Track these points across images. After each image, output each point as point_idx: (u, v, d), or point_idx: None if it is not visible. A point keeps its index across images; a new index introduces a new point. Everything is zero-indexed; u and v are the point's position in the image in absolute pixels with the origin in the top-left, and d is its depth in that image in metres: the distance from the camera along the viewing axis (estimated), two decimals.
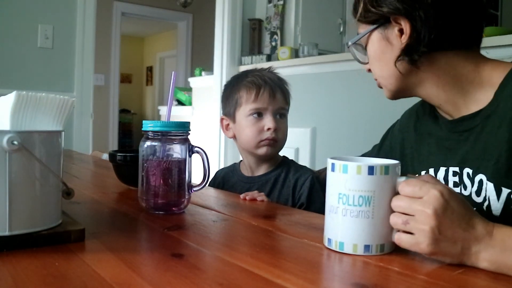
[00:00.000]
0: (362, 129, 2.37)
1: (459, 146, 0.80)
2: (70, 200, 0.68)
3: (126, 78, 8.47)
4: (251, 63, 3.09)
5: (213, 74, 3.36)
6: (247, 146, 1.18)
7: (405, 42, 0.75)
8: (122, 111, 7.54)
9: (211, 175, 1.28)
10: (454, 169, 0.80)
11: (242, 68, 3.04)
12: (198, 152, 0.87)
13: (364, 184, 0.60)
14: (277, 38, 3.20)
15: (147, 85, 8.86)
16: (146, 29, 8.09)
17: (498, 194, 0.72)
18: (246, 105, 1.16)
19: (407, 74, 0.79)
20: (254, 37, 3.27)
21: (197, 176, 0.90)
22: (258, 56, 3.13)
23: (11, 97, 0.62)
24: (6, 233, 0.59)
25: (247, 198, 1.01)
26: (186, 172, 0.86)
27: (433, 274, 0.54)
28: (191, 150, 0.86)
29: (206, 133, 3.25)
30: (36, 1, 2.78)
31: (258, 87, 1.15)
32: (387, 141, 1.03)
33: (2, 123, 0.63)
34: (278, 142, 1.17)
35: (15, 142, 0.58)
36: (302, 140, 2.70)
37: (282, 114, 1.18)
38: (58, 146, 0.66)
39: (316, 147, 2.68)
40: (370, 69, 0.86)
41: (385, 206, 0.60)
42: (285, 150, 1.24)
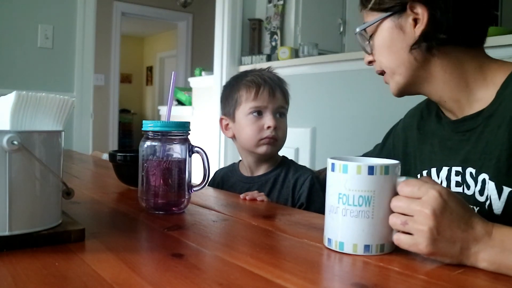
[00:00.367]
0: (362, 129, 2.37)
1: (462, 145, 0.80)
2: (70, 200, 0.68)
3: (126, 78, 8.47)
4: (251, 63, 3.09)
5: (213, 74, 3.36)
6: (247, 145, 1.18)
7: (420, 31, 0.75)
8: (122, 111, 7.54)
9: (211, 175, 1.28)
10: (456, 168, 0.80)
11: (242, 68, 3.03)
12: (198, 152, 0.87)
13: (364, 184, 0.60)
14: (277, 38, 3.20)
15: (147, 85, 8.86)
16: (146, 29, 8.09)
17: (499, 193, 0.72)
18: (246, 103, 1.16)
19: (420, 63, 0.78)
20: (254, 37, 3.27)
21: (197, 176, 0.90)
22: (258, 56, 3.13)
23: (11, 97, 0.62)
24: (6, 233, 0.59)
25: (247, 198, 1.01)
26: (186, 172, 0.86)
27: (433, 274, 0.54)
28: (191, 150, 0.86)
29: (206, 133, 3.25)
30: (36, 1, 2.78)
31: (258, 86, 1.16)
32: (390, 139, 1.03)
33: (2, 123, 0.63)
34: (278, 140, 1.17)
35: (15, 142, 0.58)
36: (302, 140, 2.69)
37: (281, 113, 1.19)
38: (58, 146, 0.66)
39: (316, 147, 2.68)
40: (371, 61, 0.85)
41: (385, 206, 0.60)
42: (285, 150, 1.24)
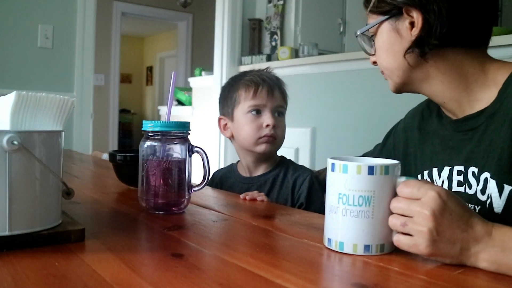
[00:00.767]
0: (362, 129, 2.37)
1: (464, 145, 0.80)
2: (70, 200, 0.68)
3: (126, 78, 8.46)
4: (251, 63, 3.09)
5: (213, 74, 3.36)
6: (246, 144, 1.18)
7: (416, 35, 0.76)
8: (122, 111, 7.54)
9: (211, 175, 1.28)
10: (459, 168, 0.80)
11: (242, 68, 3.03)
12: (198, 152, 0.87)
13: (364, 184, 0.60)
14: (277, 38, 3.20)
15: (147, 85, 8.86)
16: (146, 29, 8.09)
17: (500, 191, 0.72)
18: (244, 102, 1.16)
19: (415, 67, 0.79)
20: (254, 37, 3.27)
21: (197, 176, 0.90)
22: (258, 56, 3.13)
23: (11, 97, 0.62)
24: (6, 233, 0.59)
25: (247, 198, 1.01)
26: (186, 172, 0.86)
27: (433, 274, 0.54)
28: (191, 150, 0.86)
29: (206, 133, 3.25)
30: (36, 1, 2.78)
31: (256, 85, 1.16)
32: (390, 139, 1.03)
33: (2, 123, 0.63)
34: (277, 139, 1.17)
35: (15, 142, 0.58)
36: (302, 140, 2.70)
37: (280, 112, 1.19)
38: (58, 146, 0.66)
39: (316, 147, 2.68)
40: (375, 61, 0.86)
41: (385, 206, 0.60)
42: (285, 150, 1.25)
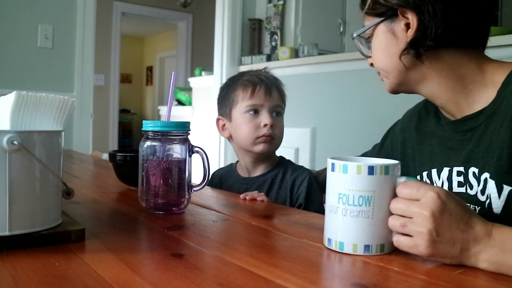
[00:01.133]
0: (362, 129, 2.37)
1: (463, 145, 0.79)
2: (70, 200, 0.68)
3: (126, 78, 8.46)
4: (251, 63, 3.09)
5: (213, 74, 3.36)
6: (244, 144, 1.18)
7: (411, 36, 0.75)
8: (122, 111, 7.54)
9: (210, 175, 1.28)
10: (458, 168, 0.80)
11: (242, 68, 3.03)
12: (198, 152, 0.87)
13: (364, 184, 0.60)
14: (277, 38, 3.20)
15: (147, 85, 8.86)
16: (146, 29, 8.09)
17: (499, 191, 0.72)
18: (242, 102, 1.17)
19: (410, 68, 0.79)
20: (254, 37, 3.27)
21: (197, 176, 0.90)
22: (258, 56, 3.13)
23: (11, 97, 0.62)
24: (6, 233, 0.59)
25: (247, 198, 1.01)
26: (186, 172, 0.86)
27: (433, 274, 0.54)
28: (191, 150, 0.86)
29: (206, 133, 3.25)
30: (36, 1, 2.78)
31: (254, 85, 1.16)
32: (388, 140, 1.03)
33: (2, 123, 0.63)
34: (274, 139, 1.17)
35: (15, 142, 0.58)
36: (302, 140, 2.69)
37: (278, 112, 1.19)
38: (58, 146, 0.66)
39: (316, 147, 2.68)
40: (372, 63, 0.86)
41: (385, 206, 0.60)
42: (284, 150, 1.24)
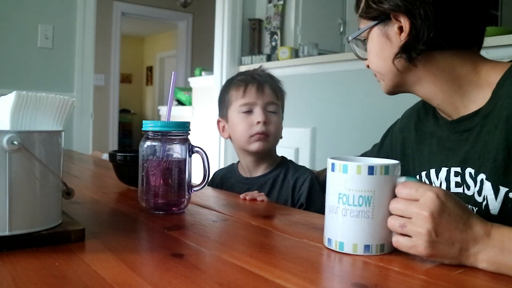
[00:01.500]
0: (362, 129, 2.37)
1: (460, 146, 0.79)
2: (70, 200, 0.68)
3: (126, 78, 8.46)
4: (251, 63, 3.09)
5: (213, 74, 3.36)
6: (240, 143, 1.18)
7: (403, 40, 0.76)
8: (122, 111, 7.54)
9: (211, 175, 1.28)
10: (455, 169, 0.80)
11: (242, 68, 3.03)
12: (198, 152, 0.87)
13: (364, 184, 0.60)
14: (277, 38, 3.20)
15: (147, 85, 8.85)
16: (146, 29, 8.09)
17: (495, 193, 0.72)
18: (236, 101, 1.18)
19: (405, 71, 0.79)
20: (254, 37, 3.27)
21: (197, 176, 0.90)
22: (258, 56, 3.13)
23: (11, 97, 0.62)
24: (6, 233, 0.59)
25: (247, 198, 1.01)
26: (186, 172, 0.86)
27: (432, 274, 0.54)
28: (191, 150, 0.86)
29: (206, 133, 3.25)
30: (36, 1, 2.78)
31: (246, 84, 1.17)
32: (387, 140, 1.03)
33: (2, 123, 0.63)
34: (269, 136, 1.16)
35: (15, 142, 0.58)
36: (302, 140, 2.69)
37: (273, 108, 1.18)
38: (58, 146, 0.66)
39: (316, 147, 2.68)
40: (368, 65, 0.86)
41: (385, 206, 0.60)
42: (285, 150, 1.24)
